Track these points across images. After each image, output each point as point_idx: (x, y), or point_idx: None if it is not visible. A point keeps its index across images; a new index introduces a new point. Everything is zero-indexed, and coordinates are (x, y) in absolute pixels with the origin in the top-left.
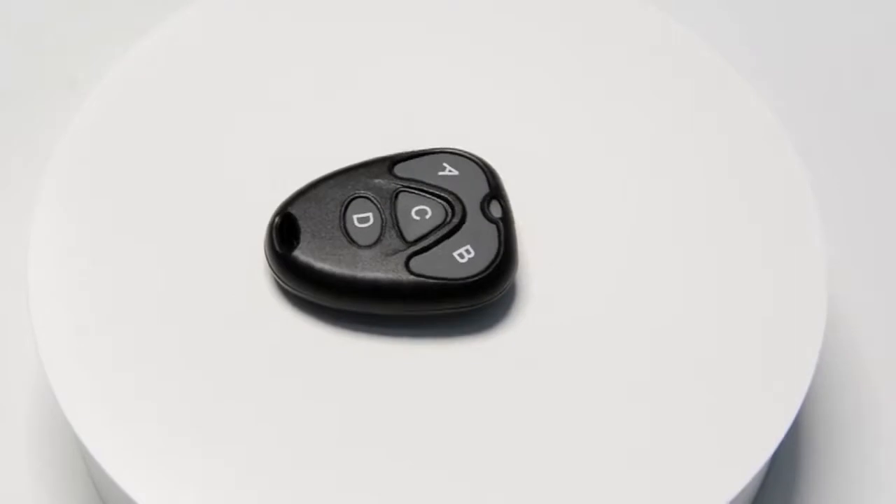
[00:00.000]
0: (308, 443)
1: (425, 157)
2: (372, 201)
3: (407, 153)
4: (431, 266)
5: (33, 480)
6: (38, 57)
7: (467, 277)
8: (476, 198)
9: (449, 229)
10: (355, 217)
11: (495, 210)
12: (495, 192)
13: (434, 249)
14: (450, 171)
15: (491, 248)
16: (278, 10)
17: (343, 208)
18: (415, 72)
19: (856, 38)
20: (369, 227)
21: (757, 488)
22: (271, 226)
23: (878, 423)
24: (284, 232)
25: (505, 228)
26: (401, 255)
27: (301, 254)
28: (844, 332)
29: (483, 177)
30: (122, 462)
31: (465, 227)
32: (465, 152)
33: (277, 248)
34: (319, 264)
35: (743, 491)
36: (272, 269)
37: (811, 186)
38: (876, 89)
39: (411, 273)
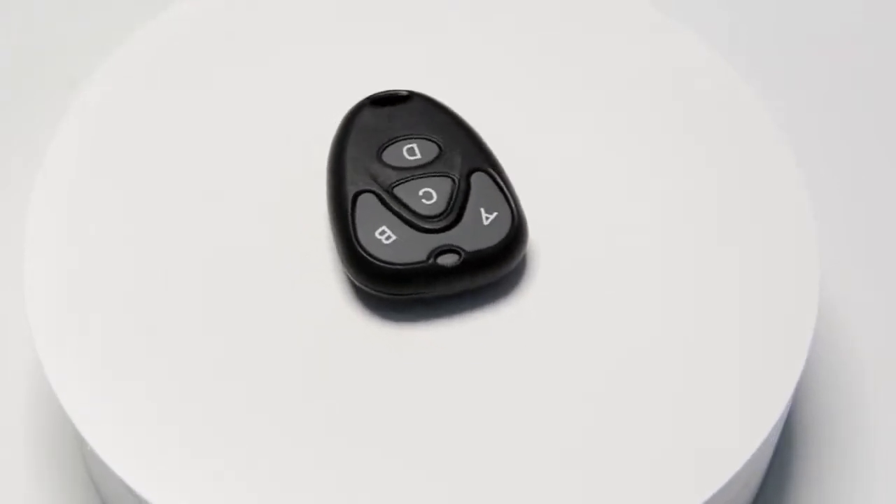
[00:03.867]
0: (310, 436)
1: (498, 188)
2: (438, 152)
3: (497, 174)
4: (363, 211)
5: (32, 480)
6: (38, 57)
7: (356, 243)
8: (459, 243)
9: (407, 219)
10: (411, 147)
11: (449, 259)
12: (474, 256)
13: (379, 208)
14: (487, 217)
15: (399, 257)
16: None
17: (421, 139)
18: (417, 70)
19: (855, 39)
20: (403, 158)
21: (755, 489)
22: (394, 91)
23: (874, 422)
24: (389, 100)
25: (426, 268)
26: (369, 184)
27: (360, 114)
28: (841, 332)
29: (493, 247)
30: (122, 453)
31: (418, 233)
32: (521, 219)
33: (367, 99)
34: (350, 136)
35: (732, 484)
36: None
37: (809, 186)
38: (875, 90)
39: (352, 197)
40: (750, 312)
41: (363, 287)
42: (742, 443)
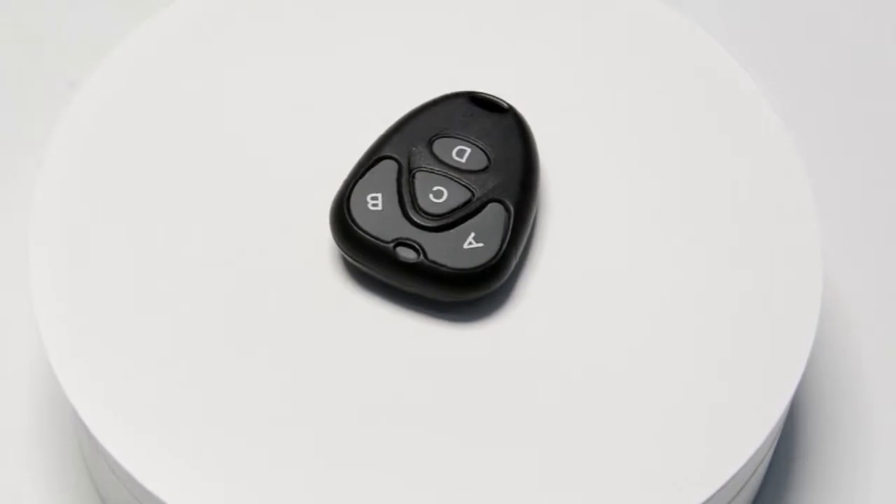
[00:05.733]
0: (312, 429)
1: (504, 227)
2: (484, 167)
3: (516, 216)
4: (377, 172)
5: (32, 481)
6: (38, 57)
7: (347, 193)
8: (426, 246)
9: (402, 200)
10: (463, 149)
11: (407, 254)
12: (430, 265)
13: (390, 177)
14: (471, 243)
15: (368, 225)
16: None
17: (478, 148)
18: (417, 68)
19: (855, 38)
20: (449, 154)
21: (756, 488)
22: (496, 98)
23: (875, 422)
24: (484, 103)
25: (381, 248)
26: (401, 155)
27: (450, 101)
28: (842, 330)
29: (449, 268)
30: (127, 446)
31: (401, 218)
32: (498, 263)
33: (468, 92)
34: (423, 113)
35: (733, 480)
36: None
37: (810, 184)
38: (876, 89)
39: (378, 157)
40: (751, 312)
41: (332, 235)
42: (743, 442)
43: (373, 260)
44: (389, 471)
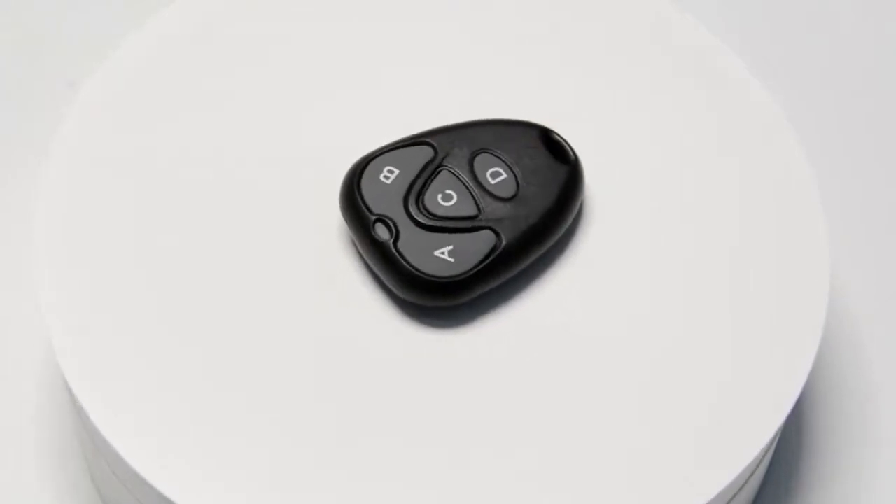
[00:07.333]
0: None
1: (485, 256)
2: (509, 196)
3: (505, 252)
4: (409, 152)
5: (33, 479)
6: (38, 57)
7: (368, 160)
8: (403, 235)
9: (412, 185)
10: (499, 171)
11: (381, 232)
12: (393, 253)
13: (416, 161)
14: (443, 253)
15: (368, 195)
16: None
17: (515, 179)
18: (417, 72)
19: (855, 38)
20: (483, 171)
21: (756, 488)
22: (566, 144)
23: (881, 420)
24: (552, 144)
25: (364, 218)
26: (442, 148)
27: (520, 126)
28: (848, 328)
29: (405, 266)
30: (132, 442)
31: (400, 202)
32: (454, 284)
33: (543, 126)
34: (489, 126)
35: (736, 483)
36: None
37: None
38: (876, 89)
39: (418, 141)
40: (757, 310)
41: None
42: (748, 442)
43: (353, 224)
44: (390, 470)
